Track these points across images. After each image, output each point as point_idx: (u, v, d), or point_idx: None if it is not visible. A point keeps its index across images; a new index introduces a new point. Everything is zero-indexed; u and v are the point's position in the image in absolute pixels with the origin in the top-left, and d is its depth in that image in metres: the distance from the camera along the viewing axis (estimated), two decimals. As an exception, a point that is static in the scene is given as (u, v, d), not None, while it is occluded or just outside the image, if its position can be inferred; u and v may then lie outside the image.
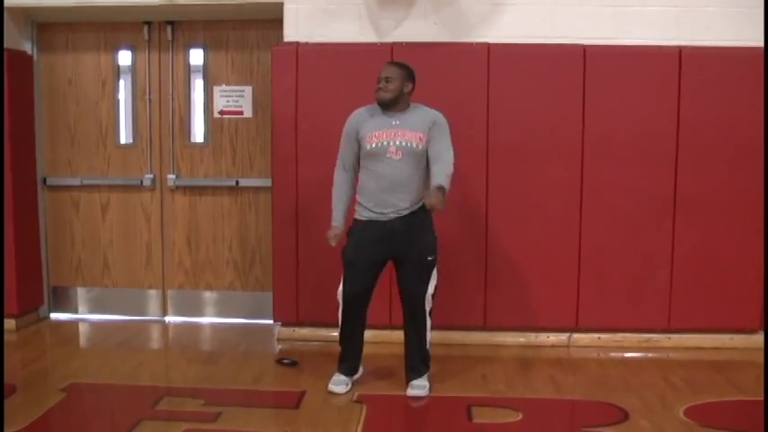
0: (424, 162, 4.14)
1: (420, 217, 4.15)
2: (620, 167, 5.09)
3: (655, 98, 5.05)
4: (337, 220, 4.26)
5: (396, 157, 4.09)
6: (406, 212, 4.13)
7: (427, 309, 4.21)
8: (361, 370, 4.43)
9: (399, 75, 4.16)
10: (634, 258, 5.15)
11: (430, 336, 4.27)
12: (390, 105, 4.17)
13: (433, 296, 4.22)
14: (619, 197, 5.11)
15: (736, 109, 5.03)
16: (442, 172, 4.02)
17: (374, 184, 4.15)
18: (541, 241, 5.15)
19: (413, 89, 4.23)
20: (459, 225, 5.12)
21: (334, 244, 4.22)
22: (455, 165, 4.11)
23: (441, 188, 3.94)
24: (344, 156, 4.28)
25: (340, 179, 4.29)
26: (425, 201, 3.96)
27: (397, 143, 4.10)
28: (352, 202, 4.28)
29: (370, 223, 4.16)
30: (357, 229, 4.22)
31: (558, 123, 5.09)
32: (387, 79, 4.15)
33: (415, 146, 4.10)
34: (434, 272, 4.21)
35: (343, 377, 4.31)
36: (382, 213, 4.13)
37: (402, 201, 4.12)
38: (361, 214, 4.21)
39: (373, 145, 4.13)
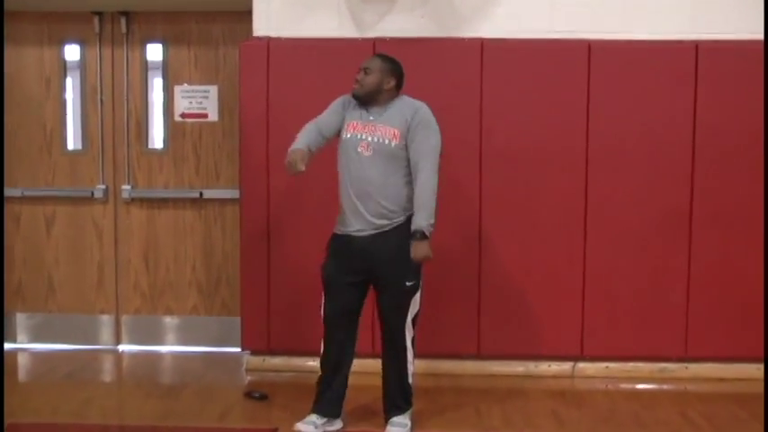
0: (402, 163, 4.04)
1: (401, 235, 4.03)
2: (630, 177, 5.09)
3: (668, 99, 5.05)
4: (297, 144, 4.02)
5: (366, 154, 4.03)
6: (375, 230, 4.03)
7: (408, 339, 4.11)
8: (340, 423, 4.21)
9: (380, 68, 4.11)
10: (646, 278, 5.13)
11: (412, 368, 4.18)
12: (366, 101, 4.11)
13: (413, 322, 4.13)
14: (628, 210, 5.10)
15: (760, 111, 5.02)
16: (423, 206, 3.97)
17: (347, 189, 4.09)
18: (542, 259, 5.14)
19: (396, 86, 4.16)
20: (450, 241, 5.05)
21: (294, 169, 3.89)
22: (439, 171, 4.03)
23: (420, 233, 3.94)
24: (323, 117, 4.15)
25: (308, 126, 4.11)
26: (411, 255, 3.95)
27: (369, 139, 4.04)
28: (317, 144, 4.10)
29: (346, 238, 4.10)
30: (334, 244, 4.17)
31: (560, 128, 5.09)
32: (365, 70, 4.10)
33: (387, 142, 4.02)
34: (416, 297, 4.12)
35: (314, 417, 4.16)
36: (356, 228, 4.06)
37: (378, 208, 4.01)
38: (338, 228, 4.16)
39: (348, 135, 4.10)
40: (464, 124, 5.04)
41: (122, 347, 5.84)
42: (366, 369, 4.51)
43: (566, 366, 5.22)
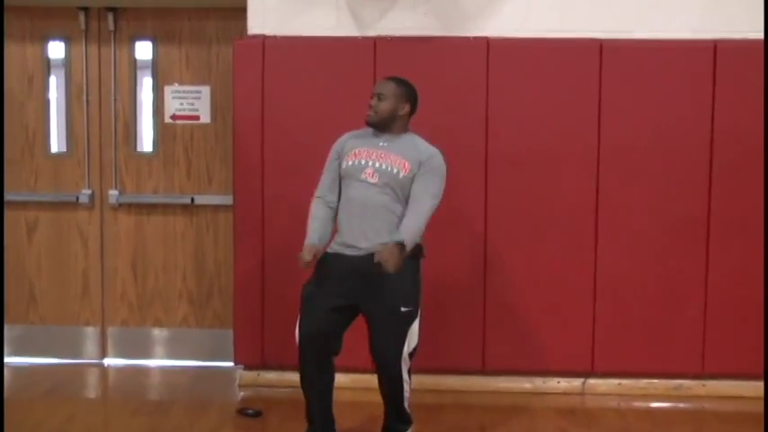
0: (406, 195, 4.03)
1: None
2: (644, 182, 5.06)
3: (684, 101, 5.02)
4: (311, 238, 4.06)
5: (371, 180, 3.99)
6: (369, 252, 3.93)
7: (404, 371, 4.01)
8: None
9: (394, 93, 4.09)
10: (660, 290, 5.09)
11: (409, 395, 4.11)
12: (380, 128, 4.09)
13: (411, 356, 4.04)
14: (641, 217, 5.07)
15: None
16: (410, 224, 3.92)
17: (344, 209, 4.08)
18: (550, 269, 5.11)
19: (410, 112, 4.15)
20: (454, 249, 5.06)
21: (306, 259, 3.96)
22: (435, 211, 4.00)
23: (399, 244, 3.82)
24: (325, 180, 4.17)
25: (316, 205, 4.13)
26: (375, 256, 3.79)
27: (377, 165, 4.01)
28: (331, 228, 4.12)
29: (337, 257, 4.04)
30: (322, 261, 4.09)
31: (570, 132, 5.06)
32: (379, 96, 4.08)
33: (396, 172, 3.99)
34: (413, 328, 3.99)
35: None
36: (349, 246, 3.99)
37: (373, 232, 3.95)
38: (331, 246, 4.11)
39: (350, 163, 4.07)
40: (469, 127, 5.03)
41: (108, 361, 5.80)
42: (363, 384, 4.54)
43: (575, 383, 5.19)
